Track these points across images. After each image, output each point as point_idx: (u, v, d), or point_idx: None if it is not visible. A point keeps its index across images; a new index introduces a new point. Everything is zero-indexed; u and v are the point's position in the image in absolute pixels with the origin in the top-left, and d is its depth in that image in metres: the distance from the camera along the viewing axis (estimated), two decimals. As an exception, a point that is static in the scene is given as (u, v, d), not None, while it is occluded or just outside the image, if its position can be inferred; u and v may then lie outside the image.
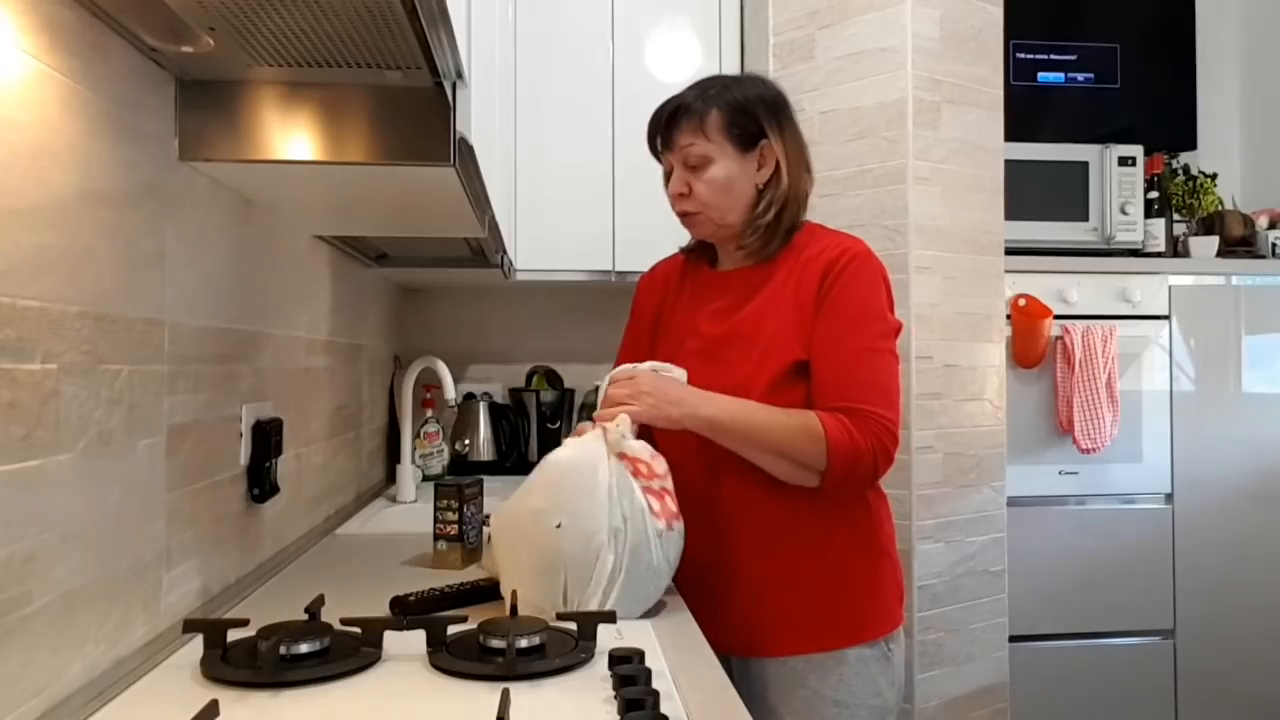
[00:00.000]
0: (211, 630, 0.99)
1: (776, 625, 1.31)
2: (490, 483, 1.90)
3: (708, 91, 1.34)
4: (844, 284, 1.30)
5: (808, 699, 1.29)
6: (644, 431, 1.38)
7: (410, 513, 2.15)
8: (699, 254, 1.48)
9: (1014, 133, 2.48)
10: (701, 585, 1.32)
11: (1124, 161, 2.77)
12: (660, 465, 1.22)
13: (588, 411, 2.85)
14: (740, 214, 1.35)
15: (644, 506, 1.17)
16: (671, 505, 1.21)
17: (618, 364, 1.47)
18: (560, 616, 1.06)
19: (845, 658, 1.30)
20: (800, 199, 1.37)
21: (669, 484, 1.22)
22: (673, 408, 1.24)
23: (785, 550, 1.31)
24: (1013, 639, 2.35)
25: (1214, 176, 3.03)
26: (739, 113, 1.33)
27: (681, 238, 1.50)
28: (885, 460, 1.26)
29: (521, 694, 0.88)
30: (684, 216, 1.38)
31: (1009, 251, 2.39)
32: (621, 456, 1.19)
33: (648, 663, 0.94)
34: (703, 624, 1.20)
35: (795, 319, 1.31)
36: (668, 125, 1.35)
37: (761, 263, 1.37)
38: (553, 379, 2.90)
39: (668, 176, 1.39)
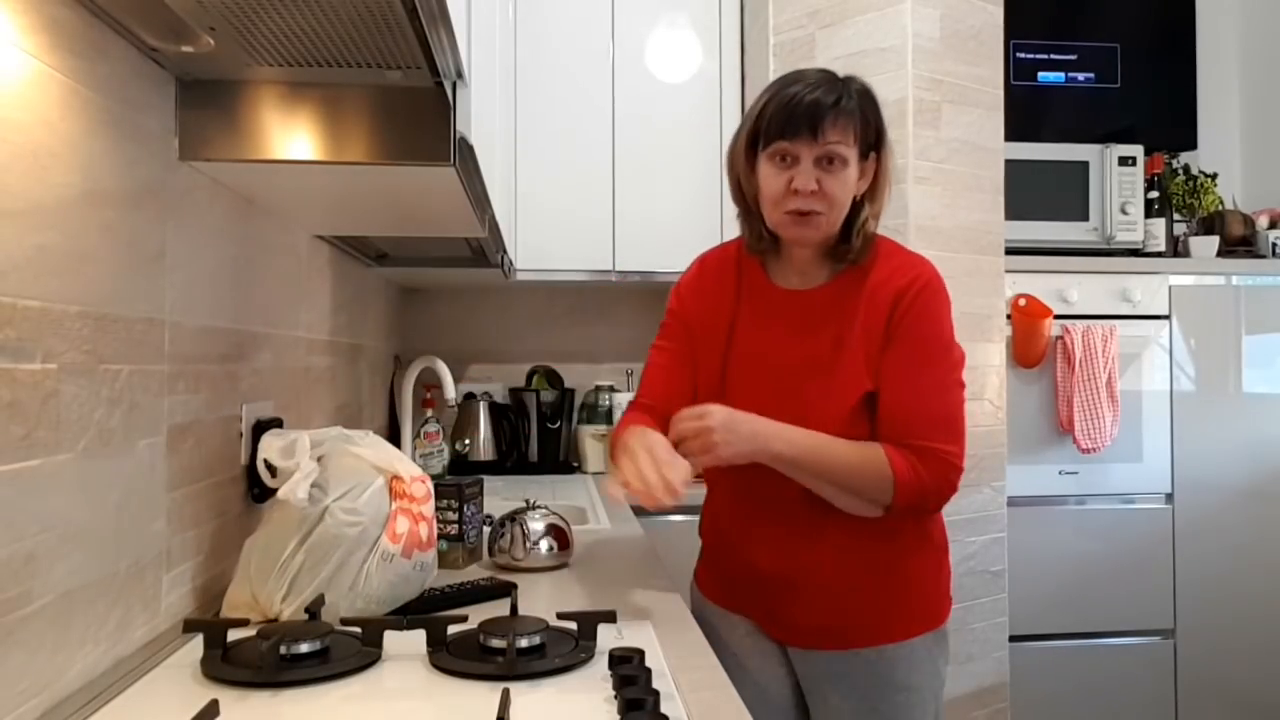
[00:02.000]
0: (211, 630, 0.99)
1: (850, 622, 1.33)
2: (491, 482, 1.91)
3: (838, 89, 1.27)
4: (916, 315, 1.28)
5: (878, 687, 1.32)
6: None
7: (410, 512, 2.14)
8: (751, 258, 1.39)
9: (1014, 133, 2.48)
10: (768, 586, 1.34)
11: (1124, 161, 2.77)
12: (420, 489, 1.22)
13: (588, 412, 2.86)
14: (840, 223, 1.30)
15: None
16: (422, 534, 1.20)
17: (655, 376, 1.41)
18: (561, 616, 1.06)
19: (914, 646, 1.33)
20: (880, 215, 1.36)
21: (428, 511, 1.22)
22: (745, 444, 1.22)
23: (860, 552, 1.31)
24: (1013, 639, 2.35)
25: (1214, 176, 3.03)
26: (869, 120, 1.29)
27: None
28: (949, 492, 1.27)
29: (521, 694, 0.89)
30: (801, 216, 1.27)
31: (1009, 251, 2.39)
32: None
33: (648, 663, 0.94)
34: (762, 620, 1.35)
35: (865, 349, 1.28)
36: (826, 117, 1.24)
37: (827, 282, 1.33)
38: (553, 379, 2.90)
39: (778, 159, 1.27)
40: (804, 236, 1.29)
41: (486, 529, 1.55)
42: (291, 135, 1.11)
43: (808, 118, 1.24)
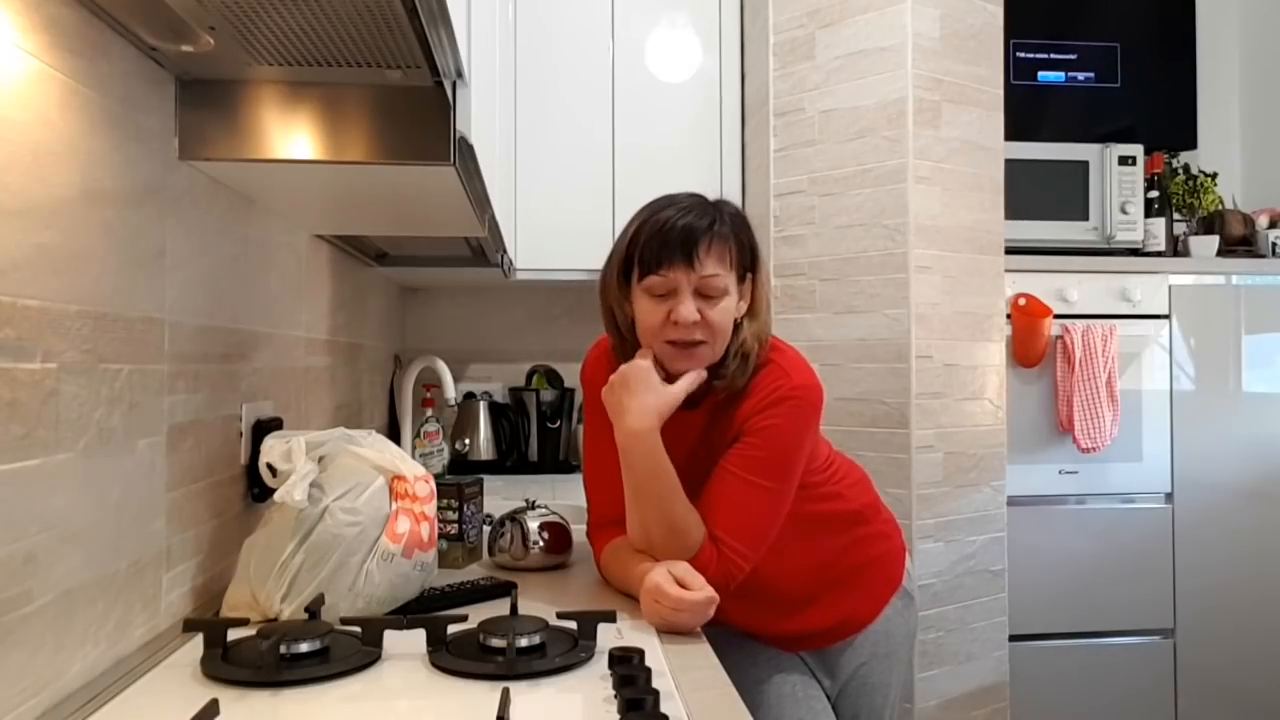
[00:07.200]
0: (211, 630, 0.99)
1: (830, 625, 1.43)
2: (490, 482, 1.91)
3: (710, 213, 1.25)
4: (766, 424, 1.26)
5: (867, 659, 1.45)
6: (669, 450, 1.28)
7: (410, 512, 2.14)
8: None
9: (1014, 132, 2.48)
10: (766, 609, 1.40)
11: (1124, 161, 2.77)
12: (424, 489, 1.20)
13: (588, 411, 2.85)
14: (723, 349, 1.28)
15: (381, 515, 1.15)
16: (423, 534, 1.18)
17: (602, 487, 1.38)
18: (560, 615, 1.06)
19: (888, 614, 1.45)
20: (766, 335, 1.32)
21: (430, 511, 1.20)
22: (633, 409, 1.22)
23: (835, 562, 1.41)
24: (1013, 639, 2.35)
25: (1214, 176, 3.03)
26: (743, 243, 1.28)
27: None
28: (729, 586, 1.23)
29: (521, 693, 0.89)
30: (686, 347, 1.25)
31: (1009, 251, 2.39)
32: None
33: (648, 662, 0.94)
34: (762, 634, 1.43)
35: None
36: (701, 242, 1.23)
37: (702, 406, 1.30)
38: (553, 378, 2.90)
39: (656, 292, 1.24)
40: (691, 366, 1.26)
41: (486, 529, 1.55)
42: (291, 135, 1.11)
43: (682, 243, 1.22)
